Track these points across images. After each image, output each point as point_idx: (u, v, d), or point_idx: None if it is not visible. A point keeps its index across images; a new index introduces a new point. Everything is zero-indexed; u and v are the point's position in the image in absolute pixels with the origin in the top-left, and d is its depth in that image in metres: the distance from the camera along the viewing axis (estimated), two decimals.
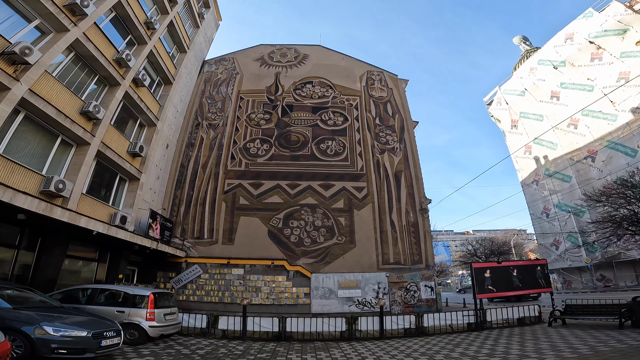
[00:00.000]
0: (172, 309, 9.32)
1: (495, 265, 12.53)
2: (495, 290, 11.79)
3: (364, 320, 9.99)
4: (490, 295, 11.85)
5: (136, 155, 14.79)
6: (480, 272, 11.66)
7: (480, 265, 12.67)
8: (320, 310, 15.64)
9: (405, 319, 10.55)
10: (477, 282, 11.30)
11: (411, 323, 10.46)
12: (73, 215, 8.98)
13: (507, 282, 11.90)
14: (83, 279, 11.44)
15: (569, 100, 33.30)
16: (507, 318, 11.66)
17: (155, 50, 17.52)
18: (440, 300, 16.79)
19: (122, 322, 7.71)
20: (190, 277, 15.77)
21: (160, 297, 9.03)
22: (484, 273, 11.65)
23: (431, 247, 17.45)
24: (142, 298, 8.47)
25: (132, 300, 8.43)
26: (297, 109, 21.47)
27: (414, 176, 19.20)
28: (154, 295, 8.57)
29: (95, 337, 6.01)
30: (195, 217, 17.23)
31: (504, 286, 11.96)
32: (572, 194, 30.66)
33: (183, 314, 10.36)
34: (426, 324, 10.64)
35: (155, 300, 8.48)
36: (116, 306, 8.39)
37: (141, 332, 8.08)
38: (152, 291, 8.78)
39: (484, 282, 11.46)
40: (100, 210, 12.22)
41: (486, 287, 11.48)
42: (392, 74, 24.92)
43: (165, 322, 8.72)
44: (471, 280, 11.69)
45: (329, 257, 16.65)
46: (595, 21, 30.64)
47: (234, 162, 18.88)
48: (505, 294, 11.97)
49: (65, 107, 11.38)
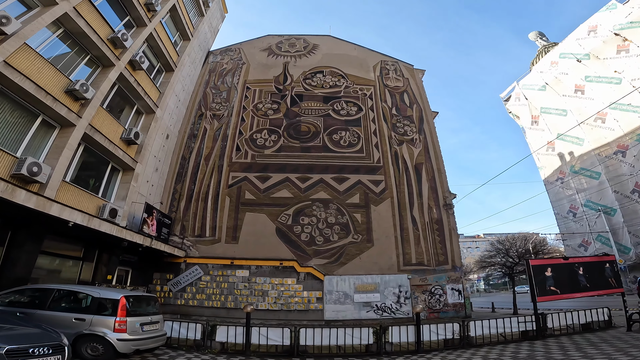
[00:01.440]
0: (153, 317, 7.36)
1: (559, 262, 10.58)
2: (559, 292, 9.86)
3: (395, 331, 8.15)
4: (553, 298, 9.90)
5: (131, 143, 13.39)
6: (539, 271, 9.76)
7: (539, 262, 10.70)
8: (335, 316, 13.94)
9: (446, 327, 8.67)
10: (536, 282, 9.45)
11: (454, 332, 8.62)
12: (42, 201, 7.48)
13: (572, 282, 9.99)
14: (64, 280, 9.92)
15: (595, 94, 31.63)
16: (570, 323, 9.81)
17: (156, 34, 16.36)
18: (470, 305, 14.93)
19: (82, 334, 6.08)
20: (190, 279, 14.19)
21: (136, 301, 7.23)
22: (544, 272, 9.77)
23: (458, 247, 15.63)
24: (109, 302, 6.56)
25: (96, 305, 6.53)
26: (307, 98, 19.96)
27: (435, 169, 17.45)
28: (126, 300, 6.66)
29: (11, 355, 4.29)
30: (196, 213, 15.70)
31: (569, 287, 10.07)
32: (601, 192, 28.59)
33: (173, 322, 8.54)
34: (472, 332, 8.80)
35: (128, 306, 6.64)
36: (75, 312, 6.51)
37: (107, 346, 6.22)
38: (125, 294, 6.92)
39: (545, 282, 9.60)
40: (87, 202, 10.76)
41: (548, 288, 9.61)
42: (407, 64, 23.34)
43: (142, 333, 6.79)
44: (529, 280, 9.83)
45: (344, 258, 14.94)
46: (619, 13, 29.27)
47: (239, 153, 17.36)
48: (572, 296, 10.02)
49: (47, 84, 10.17)
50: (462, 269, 15.50)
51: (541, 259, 12.49)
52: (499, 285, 63.63)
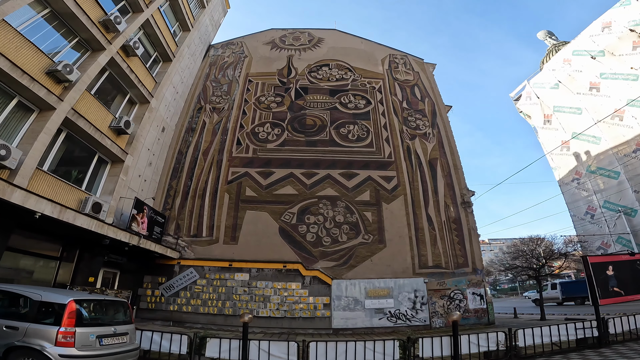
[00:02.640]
0: (119, 327, 5.77)
1: (621, 258, 9.14)
2: (623, 293, 8.47)
3: (427, 343, 6.68)
4: (618, 300, 8.44)
5: (121, 133, 12.26)
6: (600, 270, 8.38)
7: (599, 259, 9.21)
8: (344, 324, 12.61)
9: (489, 338, 7.23)
10: (597, 282, 8.07)
11: (499, 343, 7.21)
12: (0, 186, 6.25)
13: (637, 281, 8.57)
14: (36, 281, 8.67)
15: (611, 91, 30.63)
16: (633, 328, 8.42)
17: (153, 21, 15.44)
18: (493, 310, 13.52)
19: (13, 346, 4.71)
20: (184, 283, 12.88)
21: (96, 307, 5.80)
22: (604, 270, 8.40)
23: (478, 248, 14.25)
24: (54, 308, 5.07)
25: (35, 311, 5.10)
26: (313, 91, 18.80)
27: (451, 164, 16.15)
28: (78, 304, 5.18)
29: None
30: (192, 211, 14.44)
31: (633, 287, 8.70)
32: (621, 192, 27.19)
33: (153, 332, 6.97)
34: (521, 342, 7.40)
35: (85, 313, 5.25)
36: (7, 318, 5.10)
37: None
38: (77, 297, 5.42)
39: (607, 282, 8.23)
40: (66, 194, 9.57)
41: (611, 289, 8.23)
42: (417, 58, 22.22)
43: (100, 348, 5.21)
44: (588, 280, 8.43)
45: (354, 260, 13.60)
46: (633, 9, 28.11)
47: (240, 148, 16.15)
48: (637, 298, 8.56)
49: (25, 63, 9.19)
50: (484, 271, 14.10)
51: (601, 256, 11.03)
52: (506, 290, 62.61)
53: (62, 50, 11.10)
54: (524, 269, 17.11)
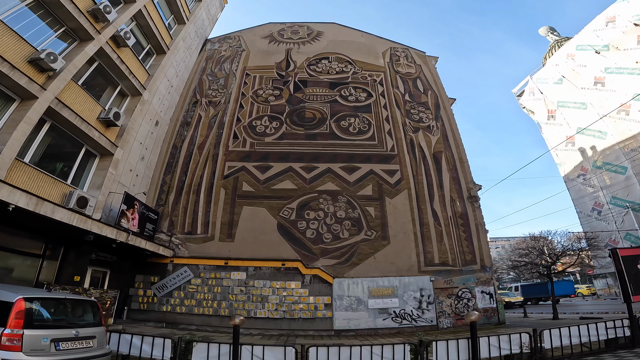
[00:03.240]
0: (82, 329, 5.00)
1: None
2: None
3: (441, 347, 6.01)
4: None
5: (111, 125, 11.67)
6: (631, 263, 7.74)
7: (630, 252, 8.47)
8: (346, 326, 11.98)
9: (512, 339, 6.49)
10: (628, 277, 7.43)
11: (522, 345, 6.52)
12: None
13: None
14: (17, 280, 8.06)
15: (617, 86, 30.11)
16: None
17: (146, 12, 14.95)
18: (503, 309, 12.87)
19: None
20: (178, 283, 12.25)
21: (54, 306, 5.02)
22: (635, 264, 7.76)
23: (487, 244, 13.63)
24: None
25: None
26: (312, 84, 18.21)
27: (457, 158, 15.54)
28: (27, 303, 4.43)
29: None
30: (187, 207, 13.82)
31: None
32: (628, 188, 26.58)
33: (133, 336, 6.17)
34: (547, 344, 6.76)
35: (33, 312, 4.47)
36: None
37: None
38: (27, 295, 4.62)
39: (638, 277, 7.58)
40: (49, 187, 8.96)
41: None
42: (419, 51, 21.63)
43: (55, 354, 4.46)
44: (618, 275, 7.76)
45: (356, 258, 12.97)
46: (637, 3, 27.86)
47: (237, 141, 15.53)
48: None
49: (5, 51, 8.71)
50: (493, 269, 13.46)
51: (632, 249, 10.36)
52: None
53: (47, 40, 10.58)
54: (535, 265, 16.45)
